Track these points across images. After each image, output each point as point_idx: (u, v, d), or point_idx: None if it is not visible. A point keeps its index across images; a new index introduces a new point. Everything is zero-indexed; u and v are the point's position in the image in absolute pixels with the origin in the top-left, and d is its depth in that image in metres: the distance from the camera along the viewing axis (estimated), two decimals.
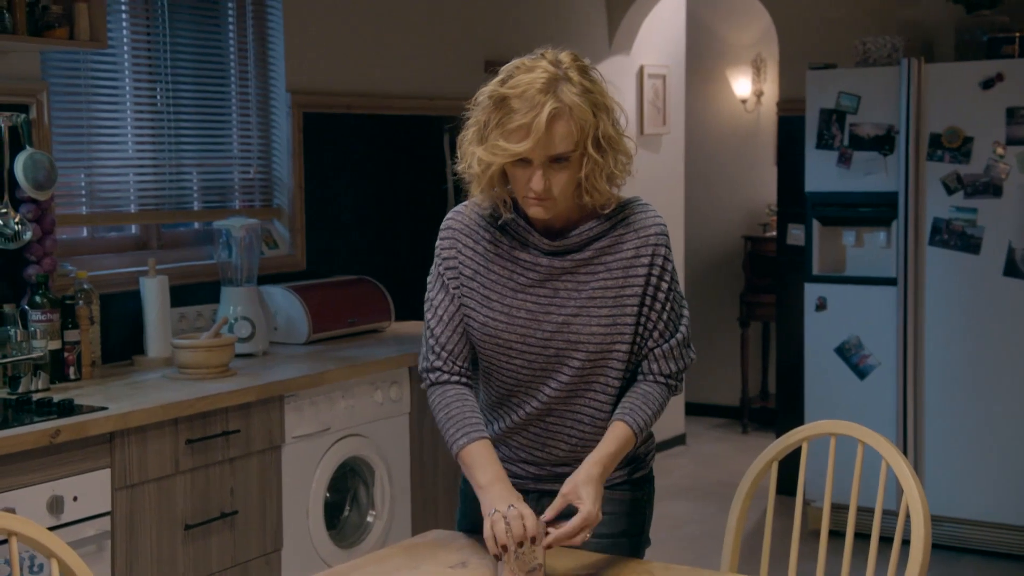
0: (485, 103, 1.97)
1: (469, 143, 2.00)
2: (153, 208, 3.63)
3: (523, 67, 1.99)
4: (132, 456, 2.74)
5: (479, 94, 2.00)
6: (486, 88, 1.99)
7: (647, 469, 2.22)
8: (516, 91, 1.94)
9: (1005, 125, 4.28)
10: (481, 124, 1.97)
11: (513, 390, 2.05)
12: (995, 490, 4.37)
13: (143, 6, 3.55)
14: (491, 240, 2.04)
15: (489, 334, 2.01)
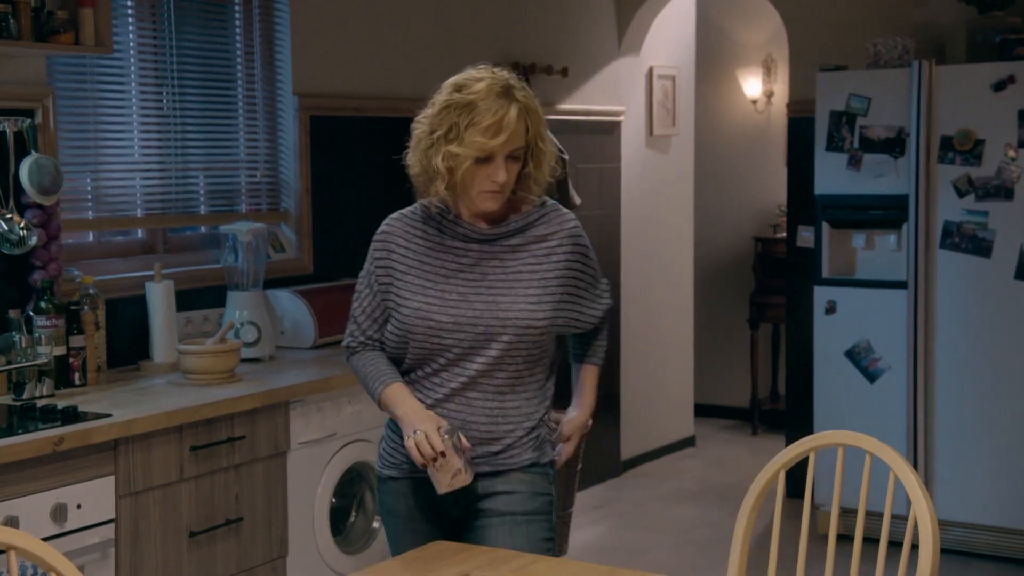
0: (447, 110, 2.23)
1: (430, 147, 2.26)
2: (159, 212, 3.62)
3: (473, 78, 2.26)
4: (136, 463, 2.73)
5: (432, 105, 2.27)
6: (439, 99, 2.26)
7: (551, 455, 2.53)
8: (479, 96, 2.21)
9: (1017, 127, 4.25)
10: (447, 128, 2.22)
11: (438, 371, 2.27)
12: (1005, 495, 4.34)
13: (149, 10, 3.54)
14: (424, 236, 2.32)
15: (423, 318, 2.24)
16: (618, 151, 5.61)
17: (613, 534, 4.89)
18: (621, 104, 5.62)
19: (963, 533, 4.43)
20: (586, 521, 4.99)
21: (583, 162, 5.33)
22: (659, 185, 5.98)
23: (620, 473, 5.71)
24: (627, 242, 5.70)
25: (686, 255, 6.25)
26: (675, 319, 6.16)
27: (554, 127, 4.97)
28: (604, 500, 5.33)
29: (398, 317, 2.27)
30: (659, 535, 4.86)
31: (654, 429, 6.01)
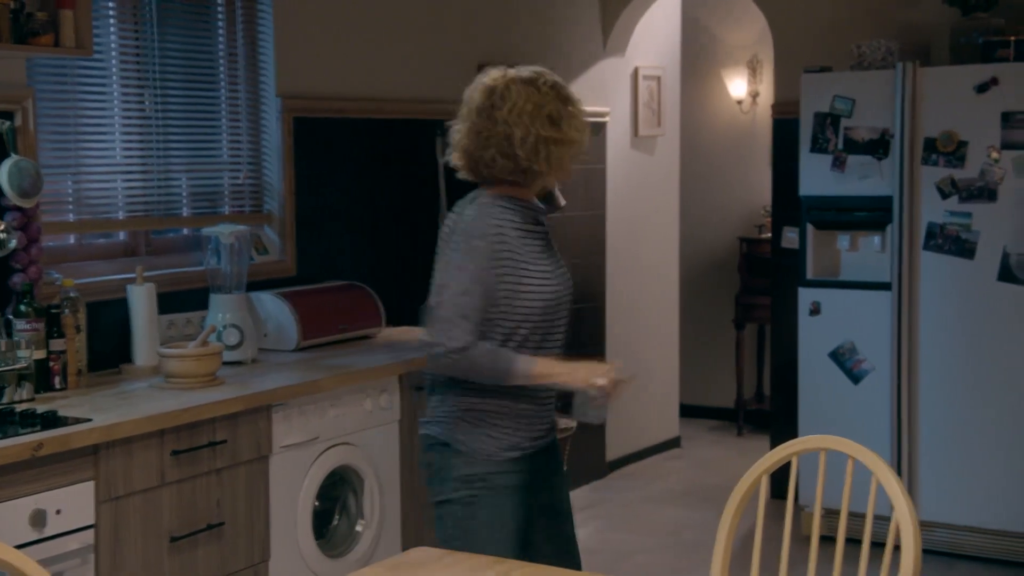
0: (548, 110, 2.50)
1: (540, 143, 2.48)
2: (141, 215, 3.60)
3: (546, 72, 2.60)
4: (117, 468, 2.72)
5: (521, 108, 2.48)
6: (536, 100, 2.50)
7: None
8: (567, 91, 2.57)
9: (1000, 129, 4.26)
10: (552, 124, 2.49)
11: (542, 343, 2.54)
12: (989, 496, 4.35)
13: (131, 11, 3.52)
14: (519, 224, 2.51)
15: (553, 294, 2.53)
16: (603, 152, 5.60)
17: (598, 536, 4.88)
18: (606, 105, 5.61)
19: (946, 534, 4.44)
20: None
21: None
22: (644, 186, 5.98)
23: (605, 474, 5.71)
24: (612, 243, 5.69)
25: (671, 256, 6.25)
26: (660, 319, 6.17)
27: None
28: (589, 502, 5.32)
29: (528, 300, 2.48)
30: (645, 537, 4.86)
31: (639, 430, 6.01)
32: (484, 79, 2.57)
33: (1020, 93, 4.22)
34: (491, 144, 2.50)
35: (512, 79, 2.53)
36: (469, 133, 2.54)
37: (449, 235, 2.54)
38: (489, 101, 2.52)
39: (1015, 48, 4.31)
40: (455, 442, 2.51)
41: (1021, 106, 4.21)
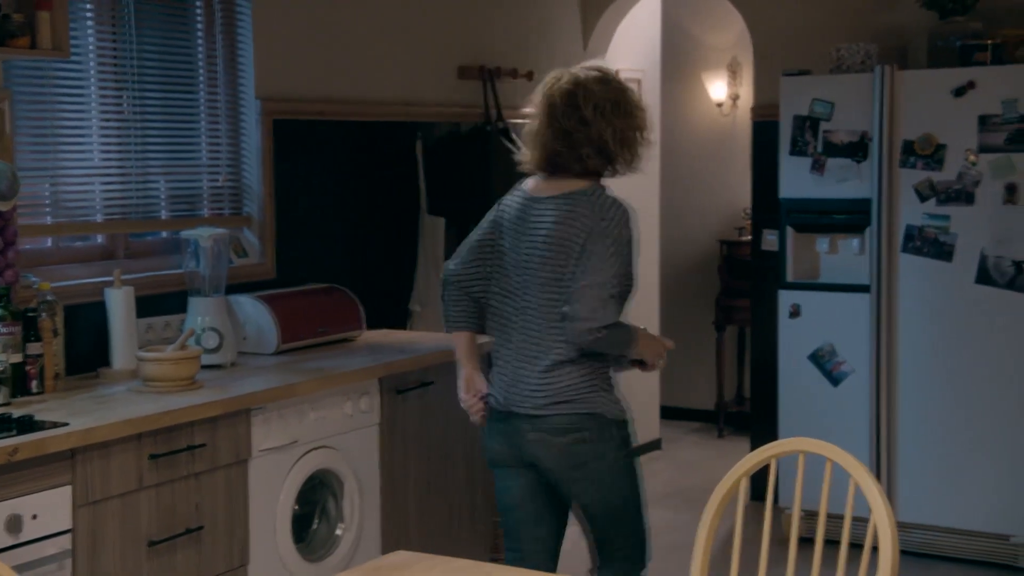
0: (623, 98, 2.80)
1: (641, 138, 2.83)
2: (120, 217, 3.58)
3: (609, 69, 2.87)
4: (94, 472, 2.70)
5: (624, 107, 2.80)
6: (634, 99, 2.83)
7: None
8: (630, 87, 2.89)
9: (977, 132, 4.28)
10: (629, 109, 2.80)
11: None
12: (967, 497, 4.37)
13: (109, 13, 3.50)
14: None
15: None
16: None
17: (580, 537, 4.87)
18: None
19: (925, 535, 4.46)
20: None
21: None
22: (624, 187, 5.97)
23: None
24: None
25: (652, 258, 6.26)
26: (641, 322, 6.10)
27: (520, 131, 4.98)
28: None
29: (635, 281, 2.87)
30: None
31: None
32: (560, 83, 2.79)
33: (996, 96, 4.24)
34: (583, 143, 2.75)
35: (589, 80, 2.78)
36: (558, 135, 2.77)
37: (597, 228, 2.74)
38: (573, 103, 2.75)
39: (992, 52, 4.34)
40: (604, 411, 2.80)
41: (997, 109, 4.24)
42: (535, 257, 2.78)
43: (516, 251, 2.82)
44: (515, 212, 2.85)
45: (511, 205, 2.88)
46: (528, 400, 2.79)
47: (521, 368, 2.80)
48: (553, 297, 2.76)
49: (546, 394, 2.77)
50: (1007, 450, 4.30)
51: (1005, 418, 4.30)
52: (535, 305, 2.79)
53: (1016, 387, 4.28)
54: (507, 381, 2.84)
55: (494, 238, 2.88)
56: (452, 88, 4.80)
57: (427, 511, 3.76)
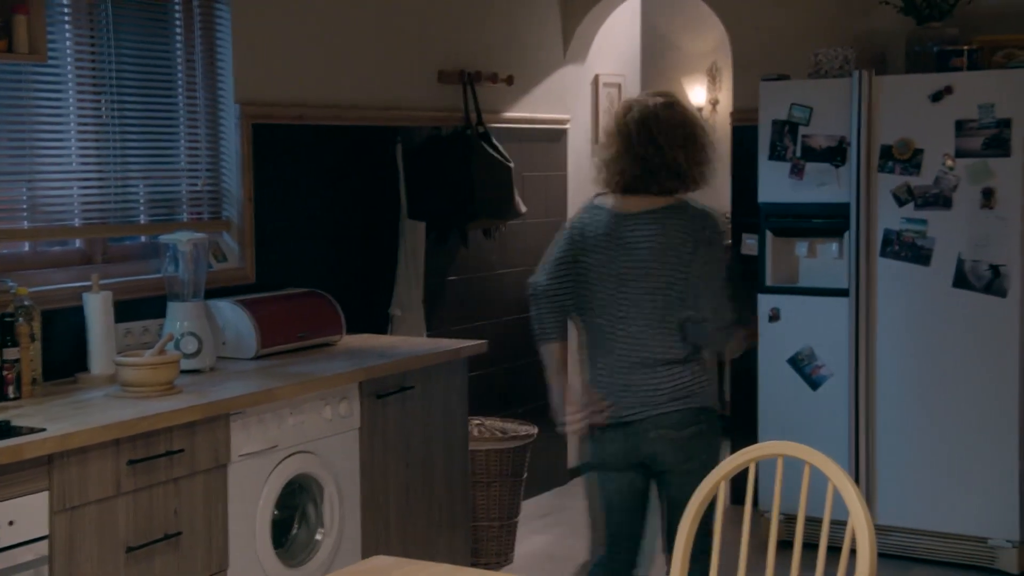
0: (691, 123, 3.11)
1: (709, 151, 3.13)
2: (98, 222, 3.56)
3: (673, 95, 3.18)
4: (71, 478, 2.68)
5: (701, 117, 3.20)
6: (680, 116, 3.08)
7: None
8: (694, 109, 3.28)
9: (954, 137, 4.31)
10: (698, 133, 3.11)
11: None
12: (946, 500, 4.40)
13: (87, 16, 3.49)
14: None
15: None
16: (564, 159, 5.62)
17: (560, 543, 4.89)
18: (567, 112, 5.63)
19: (904, 538, 4.49)
20: (532, 530, 4.99)
21: (529, 170, 5.33)
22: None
23: (566, 481, 5.72)
24: None
25: None
26: None
27: (500, 135, 5.01)
28: (550, 508, 5.32)
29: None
30: None
31: None
32: (633, 115, 3.04)
33: (973, 102, 4.28)
34: (660, 168, 3.01)
35: (658, 108, 3.05)
36: (636, 161, 3.02)
37: (698, 234, 3.01)
38: (647, 132, 3.01)
39: (968, 57, 4.37)
40: (712, 404, 3.09)
41: (974, 114, 4.27)
42: (638, 269, 3.00)
43: (611, 265, 3.03)
44: (603, 228, 3.05)
45: (593, 222, 3.07)
46: (647, 402, 3.01)
47: (632, 374, 3.01)
48: (660, 304, 3.00)
49: (663, 393, 3.00)
50: (985, 453, 4.33)
51: (982, 421, 4.33)
52: (642, 313, 3.00)
53: (993, 390, 4.31)
54: (617, 388, 3.03)
55: (575, 255, 3.07)
56: (432, 92, 4.80)
57: (407, 516, 3.76)
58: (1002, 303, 4.27)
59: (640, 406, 3.00)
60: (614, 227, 3.03)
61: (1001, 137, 4.24)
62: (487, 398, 5.06)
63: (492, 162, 4.76)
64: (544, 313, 3.07)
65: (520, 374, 5.36)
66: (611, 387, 3.03)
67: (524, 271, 5.34)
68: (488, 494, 4.46)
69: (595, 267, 3.04)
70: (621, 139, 3.04)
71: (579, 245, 3.07)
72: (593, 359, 3.08)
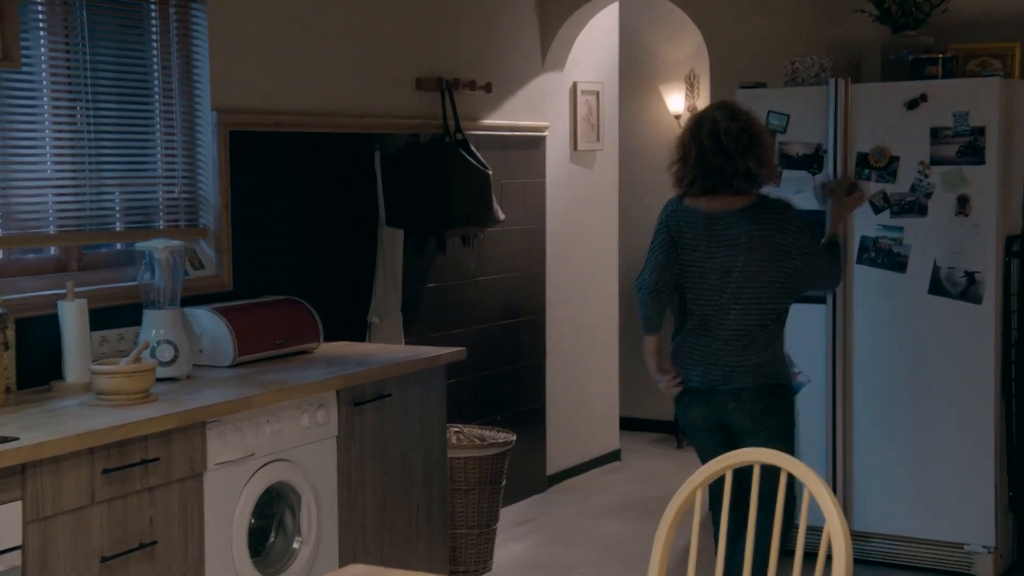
0: (757, 128, 3.59)
1: (772, 151, 3.74)
2: (73, 229, 3.54)
3: (735, 103, 3.70)
4: (45, 487, 2.66)
5: (762, 121, 3.73)
6: (748, 124, 3.57)
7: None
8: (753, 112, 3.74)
9: (929, 145, 4.34)
10: (764, 137, 3.62)
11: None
12: (923, 506, 4.42)
13: (62, 23, 3.47)
14: None
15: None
16: (543, 166, 5.63)
17: (538, 550, 4.88)
18: (545, 119, 5.64)
19: (883, 544, 4.50)
20: (511, 537, 4.98)
21: (508, 177, 5.33)
22: (584, 200, 6.01)
23: (545, 488, 5.72)
24: (552, 256, 5.71)
25: (611, 269, 6.29)
26: (600, 332, 6.19)
27: (478, 142, 5.01)
28: (529, 515, 5.32)
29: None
30: (585, 551, 4.87)
31: (580, 443, 6.03)
32: (704, 128, 3.50)
33: (948, 110, 4.30)
34: (734, 174, 3.48)
35: (724, 119, 3.49)
36: (712, 171, 3.50)
37: (783, 225, 3.54)
38: (718, 143, 3.47)
39: (943, 65, 4.40)
40: (784, 382, 3.60)
41: (949, 122, 4.30)
42: (739, 260, 3.50)
43: (712, 259, 3.53)
44: (701, 228, 3.54)
45: (688, 223, 3.56)
46: (732, 377, 3.52)
47: (725, 354, 3.53)
48: (757, 290, 3.52)
49: (747, 370, 3.52)
50: (961, 459, 4.35)
51: (959, 428, 4.35)
52: (740, 300, 3.52)
53: (968, 396, 4.33)
54: (708, 363, 3.55)
55: (673, 254, 3.58)
56: (410, 100, 4.80)
57: (385, 524, 3.74)
58: (977, 310, 4.30)
59: (724, 380, 3.53)
60: (710, 227, 3.53)
61: (976, 145, 4.27)
62: (466, 405, 5.05)
63: (470, 169, 4.76)
64: (652, 309, 3.61)
65: (499, 381, 5.36)
66: (703, 362, 3.55)
67: (503, 278, 5.36)
68: (467, 501, 4.45)
69: (696, 263, 3.55)
70: (695, 152, 3.51)
71: (675, 245, 3.58)
72: (691, 339, 3.59)
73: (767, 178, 3.58)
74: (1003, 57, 4.49)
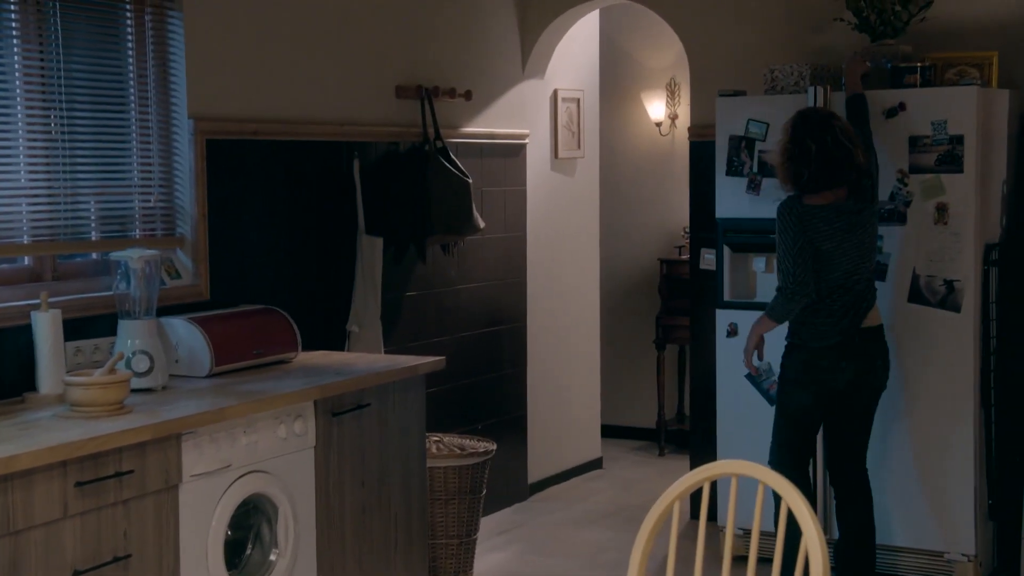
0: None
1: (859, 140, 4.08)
2: (47, 239, 3.51)
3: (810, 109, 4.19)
4: (16, 501, 2.63)
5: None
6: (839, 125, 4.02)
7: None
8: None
9: (908, 153, 4.35)
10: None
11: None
12: (903, 514, 4.42)
13: (36, 30, 3.44)
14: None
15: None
16: (523, 174, 5.61)
17: (519, 560, 4.86)
18: (526, 127, 5.63)
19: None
20: (492, 547, 4.96)
21: (488, 185, 5.32)
22: (565, 207, 6.00)
23: (527, 497, 5.70)
24: (533, 264, 5.70)
25: (592, 277, 6.28)
26: (582, 341, 6.18)
27: (458, 150, 4.99)
28: (511, 524, 5.30)
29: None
30: (566, 560, 4.85)
31: (561, 451, 6.01)
32: (811, 132, 3.89)
33: (926, 118, 4.31)
34: (849, 167, 3.91)
35: (827, 118, 3.93)
36: (825, 166, 3.89)
37: (873, 209, 4.05)
38: (839, 136, 3.89)
39: (921, 74, 4.41)
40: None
41: (927, 131, 4.31)
42: (867, 243, 3.97)
43: (846, 245, 3.91)
44: (835, 220, 3.90)
45: (822, 219, 3.90)
46: (877, 337, 4.05)
47: (866, 320, 3.98)
48: (871, 265, 4.05)
49: (880, 331, 4.06)
50: (941, 468, 4.35)
51: (939, 436, 4.35)
52: (867, 274, 4.00)
53: (949, 405, 4.34)
54: (855, 331, 3.97)
55: (813, 247, 3.90)
56: (390, 108, 4.78)
57: (363, 535, 3.72)
58: (957, 318, 4.30)
59: (874, 339, 4.02)
60: (839, 218, 3.90)
61: (954, 153, 4.27)
62: (446, 414, 5.03)
63: (450, 177, 4.74)
64: (795, 306, 3.95)
65: (480, 390, 5.34)
66: (850, 330, 3.95)
67: (483, 287, 5.35)
68: (446, 511, 4.43)
69: (833, 251, 3.89)
70: (817, 147, 3.86)
71: (812, 239, 3.88)
72: (826, 317, 3.96)
73: (868, 165, 3.98)
74: (981, 66, 4.50)
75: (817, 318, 3.98)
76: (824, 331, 3.98)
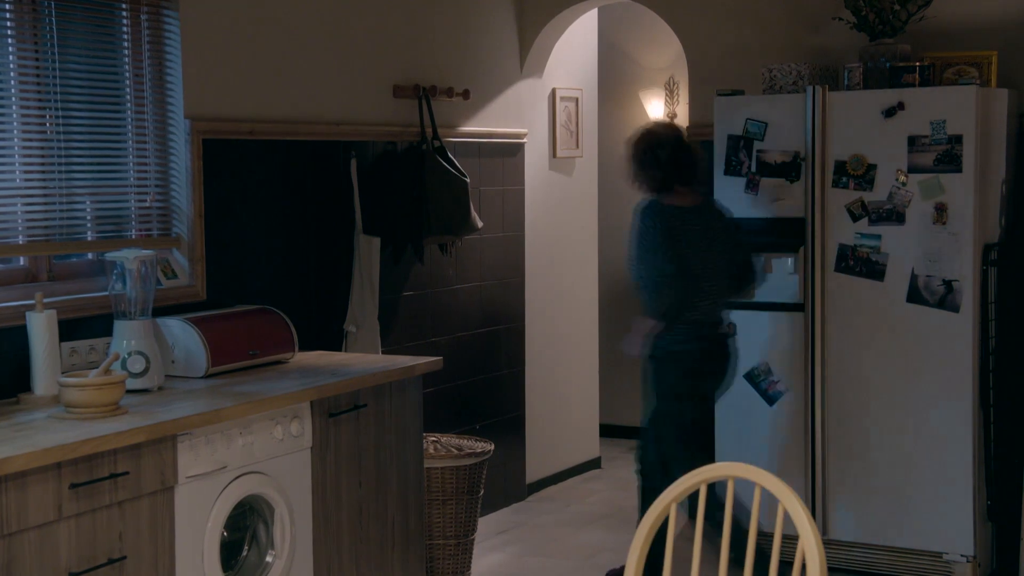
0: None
1: None
2: (42, 239, 3.50)
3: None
4: (10, 503, 2.62)
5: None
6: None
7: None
8: None
9: (907, 153, 4.34)
10: None
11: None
12: (902, 515, 4.41)
13: (31, 30, 3.43)
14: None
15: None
16: (522, 173, 5.60)
17: (517, 560, 4.85)
18: (524, 126, 5.61)
19: (859, 553, 4.49)
20: (490, 547, 4.95)
21: (486, 184, 5.31)
22: (563, 207, 5.99)
23: (525, 497, 5.69)
24: (531, 264, 5.69)
25: (590, 276, 6.27)
26: (580, 340, 6.17)
27: (456, 150, 4.98)
28: (509, 525, 5.29)
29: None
30: (564, 560, 4.84)
31: (559, 451, 6.00)
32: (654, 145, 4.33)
33: (925, 118, 4.30)
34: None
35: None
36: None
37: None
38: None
39: (920, 73, 4.40)
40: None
41: (926, 130, 4.30)
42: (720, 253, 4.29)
43: (710, 250, 4.25)
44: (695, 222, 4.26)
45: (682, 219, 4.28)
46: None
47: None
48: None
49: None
50: (939, 468, 4.34)
51: (937, 436, 4.35)
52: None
53: (947, 405, 4.33)
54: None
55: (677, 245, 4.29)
56: (387, 107, 4.77)
57: (360, 537, 3.71)
58: (955, 318, 4.29)
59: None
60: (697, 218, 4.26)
61: (952, 153, 4.26)
62: (444, 414, 5.02)
63: (448, 177, 4.73)
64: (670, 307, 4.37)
65: (478, 389, 5.33)
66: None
67: (481, 286, 5.33)
68: (444, 512, 4.42)
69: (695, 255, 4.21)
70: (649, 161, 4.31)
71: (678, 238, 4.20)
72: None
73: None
74: (980, 65, 4.49)
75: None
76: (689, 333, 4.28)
